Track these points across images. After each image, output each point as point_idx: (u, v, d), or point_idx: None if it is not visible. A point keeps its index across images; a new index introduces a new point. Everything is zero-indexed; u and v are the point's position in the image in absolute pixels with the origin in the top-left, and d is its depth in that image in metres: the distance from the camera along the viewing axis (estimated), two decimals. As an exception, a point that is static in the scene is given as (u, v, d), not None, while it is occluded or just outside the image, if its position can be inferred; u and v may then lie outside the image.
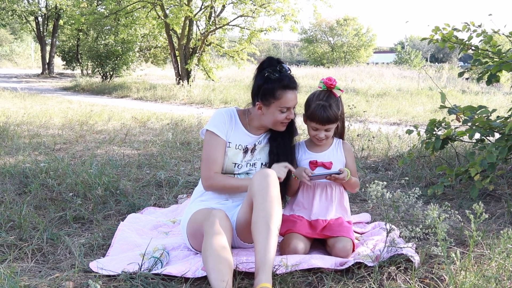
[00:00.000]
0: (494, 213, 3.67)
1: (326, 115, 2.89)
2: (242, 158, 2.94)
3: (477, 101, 13.33)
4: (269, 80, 2.81)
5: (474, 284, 2.08)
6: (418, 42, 70.38)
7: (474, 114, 4.24)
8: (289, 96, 2.81)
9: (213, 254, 2.33)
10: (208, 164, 2.86)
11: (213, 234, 2.41)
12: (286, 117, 2.85)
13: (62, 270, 2.63)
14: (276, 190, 2.55)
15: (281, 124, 2.88)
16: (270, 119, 2.87)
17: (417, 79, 22.53)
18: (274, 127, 2.91)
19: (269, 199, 2.49)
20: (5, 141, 6.55)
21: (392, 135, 7.10)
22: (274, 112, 2.84)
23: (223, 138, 2.88)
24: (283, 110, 2.82)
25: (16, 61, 48.07)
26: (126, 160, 5.51)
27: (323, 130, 2.95)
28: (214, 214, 2.53)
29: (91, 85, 20.72)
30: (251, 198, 2.58)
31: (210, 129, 2.89)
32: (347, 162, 3.08)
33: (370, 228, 3.41)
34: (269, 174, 2.58)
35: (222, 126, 2.90)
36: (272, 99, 2.81)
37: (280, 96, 2.79)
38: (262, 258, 2.31)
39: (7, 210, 3.50)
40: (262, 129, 3.01)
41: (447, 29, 4.70)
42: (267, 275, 2.25)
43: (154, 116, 10.05)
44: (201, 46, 18.69)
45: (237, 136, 2.94)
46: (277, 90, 2.79)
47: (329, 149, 3.07)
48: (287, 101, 2.81)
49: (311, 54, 50.46)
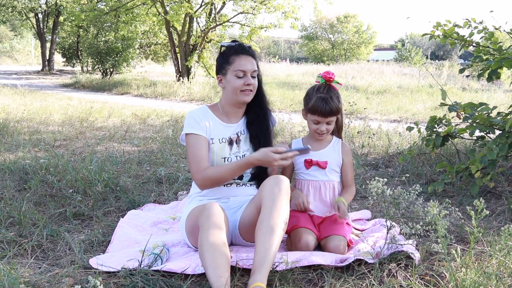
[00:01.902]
0: (494, 210, 3.66)
1: (329, 108, 2.89)
2: (229, 151, 2.91)
3: (478, 98, 13.31)
4: (223, 52, 2.90)
5: (475, 281, 2.07)
6: (419, 40, 70.37)
7: (475, 111, 4.23)
8: (242, 60, 2.83)
9: (210, 249, 2.31)
10: (195, 163, 2.80)
11: (208, 227, 2.39)
12: (244, 83, 2.82)
13: (62, 266, 2.63)
14: (286, 197, 2.54)
15: (242, 93, 2.84)
16: (230, 89, 2.86)
17: (417, 77, 22.51)
18: (237, 98, 2.86)
19: (278, 204, 2.48)
20: (5, 138, 6.55)
21: (393, 132, 7.09)
22: (231, 80, 2.83)
23: (203, 135, 2.85)
24: (239, 75, 2.81)
25: (16, 57, 48.08)
26: (126, 157, 5.50)
27: (325, 123, 2.94)
28: (208, 208, 2.50)
29: (91, 82, 20.73)
30: (259, 200, 2.57)
31: (187, 131, 2.85)
32: (344, 163, 3.07)
33: (371, 225, 3.41)
34: (282, 180, 2.58)
35: (198, 124, 2.86)
36: (227, 66, 2.85)
37: (233, 61, 2.83)
38: (262, 259, 2.30)
39: (7, 206, 3.49)
40: (237, 114, 2.99)
41: (448, 25, 4.70)
42: (263, 275, 2.23)
43: (154, 113, 10.04)
44: (201, 43, 18.68)
45: (217, 130, 2.91)
46: (229, 56, 2.85)
47: (326, 148, 3.05)
48: (240, 64, 2.81)
49: (312, 51, 50.46)
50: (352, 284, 2.38)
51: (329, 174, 3.02)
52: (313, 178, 3.02)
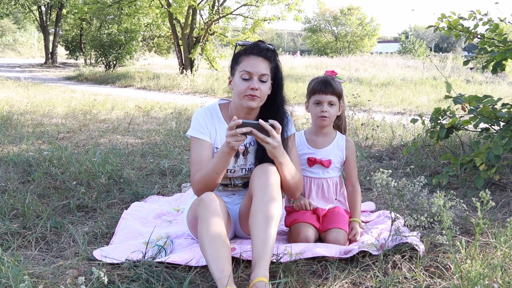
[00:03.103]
0: (499, 202, 3.65)
1: (329, 85, 2.91)
2: (233, 163, 2.72)
3: (482, 91, 13.27)
4: (237, 51, 2.71)
5: (480, 273, 2.06)
6: (422, 32, 70.10)
7: (480, 104, 4.21)
8: (251, 60, 2.58)
9: (210, 241, 2.26)
10: (194, 168, 2.64)
11: (207, 219, 2.33)
12: (249, 86, 2.54)
13: (66, 258, 2.63)
14: (276, 185, 2.46)
15: (246, 97, 2.56)
16: (235, 92, 2.61)
17: (421, 69, 22.45)
18: (241, 102, 2.60)
19: (269, 194, 2.40)
20: (9, 130, 6.55)
21: (396, 124, 7.07)
22: (237, 82, 2.59)
23: (206, 140, 2.68)
24: (244, 77, 2.55)
25: (19, 50, 48.12)
26: (130, 149, 5.50)
27: (326, 103, 2.92)
28: (204, 198, 2.43)
29: (94, 74, 20.73)
30: (250, 191, 2.52)
31: (191, 134, 2.70)
32: (347, 161, 3.06)
33: (375, 216, 3.40)
34: (269, 169, 2.48)
35: (203, 128, 2.69)
36: (236, 66, 2.63)
37: (241, 60, 2.60)
38: (260, 252, 2.24)
39: (10, 198, 3.50)
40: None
41: (453, 17, 4.67)
42: (264, 269, 2.19)
43: (157, 105, 10.04)
44: (205, 36, 18.66)
45: (223, 136, 2.64)
46: (239, 56, 2.64)
47: (330, 146, 3.03)
48: (246, 65, 2.56)
49: (315, 43, 50.31)
50: (356, 276, 2.38)
51: (331, 171, 3.02)
52: (316, 176, 3.01)
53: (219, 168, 2.51)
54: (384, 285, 2.25)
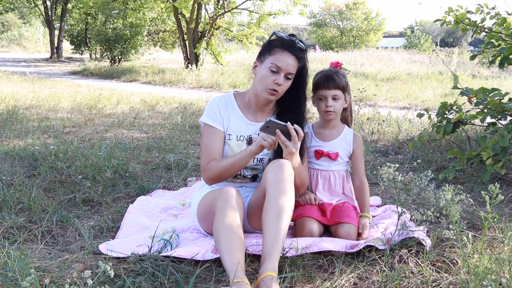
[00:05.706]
0: (506, 197, 3.63)
1: (332, 79, 2.89)
2: None
3: (488, 85, 13.18)
4: (272, 40, 2.71)
5: (487, 268, 2.05)
6: (428, 27, 69.81)
7: (487, 97, 4.18)
8: (284, 56, 2.62)
9: (226, 232, 2.28)
10: (206, 155, 2.71)
11: (225, 211, 2.35)
12: (274, 80, 2.60)
13: (72, 252, 2.63)
14: (290, 181, 2.48)
15: (268, 91, 2.64)
16: (258, 79, 2.67)
17: (427, 64, 22.37)
18: (261, 93, 2.67)
19: (283, 190, 2.42)
20: (15, 124, 6.56)
21: (402, 119, 7.05)
22: (263, 71, 2.64)
23: (219, 128, 2.73)
24: (273, 69, 2.60)
25: (25, 45, 48.19)
26: (135, 143, 5.50)
27: (330, 98, 2.91)
28: (226, 191, 2.46)
29: (99, 69, 20.75)
30: (264, 186, 2.52)
31: (204, 121, 2.75)
32: (355, 155, 3.04)
33: (381, 211, 3.39)
34: (284, 164, 2.50)
35: (216, 116, 2.74)
36: (268, 54, 2.66)
37: (275, 53, 2.63)
38: (270, 247, 2.25)
39: (16, 192, 3.50)
40: (263, 111, 2.82)
41: (460, 10, 4.64)
42: (274, 264, 2.19)
43: (162, 100, 10.04)
44: (210, 30, 18.63)
45: (237, 125, 2.76)
46: (274, 47, 2.65)
47: (337, 138, 3.02)
48: (279, 59, 2.61)
49: (320, 38, 50.19)
50: (362, 270, 2.37)
51: (338, 164, 3.01)
52: (323, 168, 3.00)
53: (240, 165, 2.64)
54: (390, 280, 2.24)
